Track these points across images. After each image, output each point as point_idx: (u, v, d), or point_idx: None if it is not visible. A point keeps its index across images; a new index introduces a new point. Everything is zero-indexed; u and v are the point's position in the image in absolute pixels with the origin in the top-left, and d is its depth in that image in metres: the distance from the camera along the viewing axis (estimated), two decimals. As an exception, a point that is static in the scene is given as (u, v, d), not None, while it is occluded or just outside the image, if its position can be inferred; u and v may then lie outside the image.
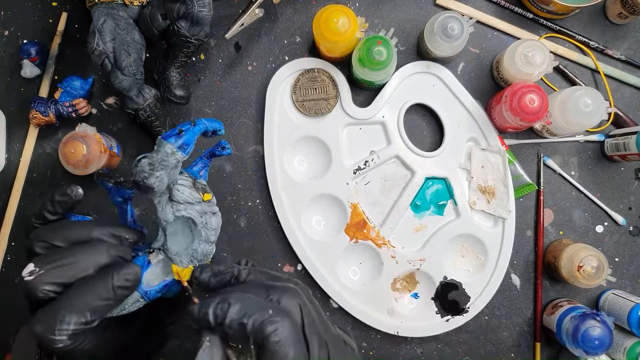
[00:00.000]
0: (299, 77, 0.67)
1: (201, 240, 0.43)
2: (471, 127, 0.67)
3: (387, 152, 0.67)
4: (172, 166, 0.41)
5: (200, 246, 0.43)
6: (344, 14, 0.59)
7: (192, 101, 0.69)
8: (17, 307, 0.68)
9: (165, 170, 0.41)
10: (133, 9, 0.60)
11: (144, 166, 0.41)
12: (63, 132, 0.68)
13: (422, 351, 0.69)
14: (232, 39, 0.66)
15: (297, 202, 0.67)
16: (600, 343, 0.59)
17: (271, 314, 0.36)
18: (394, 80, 0.67)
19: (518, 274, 0.69)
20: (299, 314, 0.38)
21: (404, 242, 0.68)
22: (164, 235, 0.43)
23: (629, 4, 0.65)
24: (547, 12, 0.68)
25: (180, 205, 0.42)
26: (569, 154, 0.69)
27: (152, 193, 0.42)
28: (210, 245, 0.44)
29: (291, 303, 0.38)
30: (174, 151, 0.41)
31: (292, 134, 0.67)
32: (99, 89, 0.69)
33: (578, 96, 0.60)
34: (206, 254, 0.43)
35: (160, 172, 0.40)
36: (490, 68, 0.69)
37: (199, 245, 0.43)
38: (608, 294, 0.67)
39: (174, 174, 0.42)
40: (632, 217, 0.69)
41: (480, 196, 0.67)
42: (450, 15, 0.61)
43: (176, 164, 0.41)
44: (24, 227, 0.68)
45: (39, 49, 0.67)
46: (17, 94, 0.69)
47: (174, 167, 0.41)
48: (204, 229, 0.43)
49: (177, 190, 0.42)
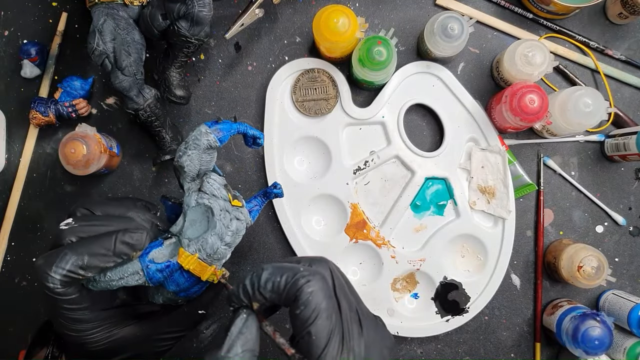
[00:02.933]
0: (299, 77, 0.67)
1: (214, 233, 0.43)
2: (471, 127, 0.67)
3: (387, 152, 0.67)
4: (203, 147, 0.44)
5: (211, 238, 0.43)
6: (344, 14, 0.59)
7: (192, 101, 0.69)
8: (17, 307, 0.68)
9: (197, 150, 0.43)
10: (133, 9, 0.60)
11: (180, 147, 0.44)
12: (63, 132, 0.68)
13: (422, 351, 0.69)
14: (232, 39, 0.66)
15: (297, 202, 0.67)
16: (600, 343, 0.59)
17: (302, 271, 0.38)
18: (394, 81, 0.67)
19: (518, 274, 0.69)
20: (330, 277, 0.40)
21: (404, 242, 0.68)
22: (183, 221, 0.45)
23: (629, 4, 0.65)
24: (547, 12, 0.68)
25: (205, 195, 0.44)
26: (569, 154, 0.69)
27: (184, 175, 0.44)
28: (222, 243, 0.44)
29: (321, 268, 0.41)
30: (207, 131, 0.44)
31: (292, 134, 0.67)
32: (99, 89, 0.69)
33: (578, 96, 0.60)
34: (216, 251, 0.43)
35: (192, 151, 0.43)
36: (490, 68, 0.69)
37: (210, 237, 0.43)
38: (608, 294, 0.67)
39: (206, 160, 0.44)
40: (632, 217, 0.69)
41: (480, 196, 0.67)
42: (450, 15, 0.61)
43: (208, 146, 0.44)
44: (24, 227, 0.68)
45: (39, 49, 0.67)
46: (17, 94, 0.69)
47: (206, 150, 0.44)
48: (220, 222, 0.43)
49: (207, 182, 0.44)
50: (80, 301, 0.41)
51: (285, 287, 0.38)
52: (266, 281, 0.38)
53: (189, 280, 0.43)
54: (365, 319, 0.41)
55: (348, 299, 0.40)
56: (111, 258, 0.41)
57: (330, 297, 0.38)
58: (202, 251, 0.43)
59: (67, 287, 0.40)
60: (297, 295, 0.37)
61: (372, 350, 0.39)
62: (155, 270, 0.43)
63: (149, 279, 0.43)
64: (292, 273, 0.38)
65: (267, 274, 0.39)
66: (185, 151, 0.44)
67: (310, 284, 0.38)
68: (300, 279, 0.38)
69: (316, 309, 0.37)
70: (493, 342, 0.69)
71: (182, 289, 0.44)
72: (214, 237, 0.43)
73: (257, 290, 0.39)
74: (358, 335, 0.39)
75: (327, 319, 0.37)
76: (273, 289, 0.38)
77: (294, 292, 0.38)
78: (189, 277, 0.43)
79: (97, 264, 0.40)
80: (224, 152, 0.69)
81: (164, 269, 0.43)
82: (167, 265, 0.43)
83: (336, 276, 0.41)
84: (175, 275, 0.43)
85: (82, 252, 0.40)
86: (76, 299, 0.41)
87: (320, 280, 0.38)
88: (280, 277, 0.38)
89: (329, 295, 0.38)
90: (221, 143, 0.45)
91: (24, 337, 0.68)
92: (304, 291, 0.37)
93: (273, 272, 0.39)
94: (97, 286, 0.42)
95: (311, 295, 0.37)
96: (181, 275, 0.43)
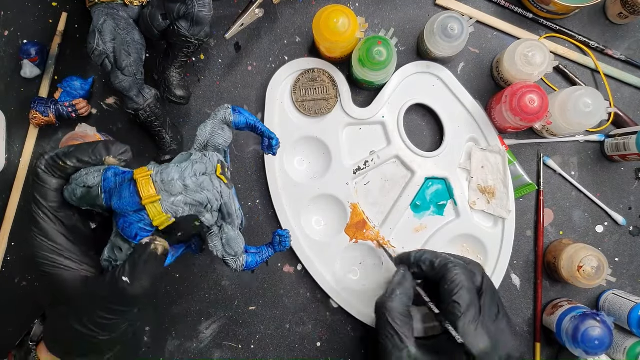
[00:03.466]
0: (299, 77, 0.67)
1: (179, 167, 0.43)
2: (471, 127, 0.67)
3: (387, 152, 0.67)
4: (219, 118, 0.47)
5: (174, 168, 0.43)
6: (344, 14, 0.59)
7: (192, 101, 0.69)
8: (17, 307, 0.68)
9: (212, 120, 0.47)
10: (133, 9, 0.60)
11: None
12: (63, 132, 0.68)
13: (422, 351, 0.69)
14: (232, 39, 0.66)
15: (297, 202, 0.67)
16: (600, 343, 0.59)
17: (452, 260, 0.54)
18: (394, 81, 0.67)
19: (518, 274, 0.69)
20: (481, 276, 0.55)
21: (404, 242, 0.68)
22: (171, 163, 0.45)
23: (629, 4, 0.65)
24: (547, 12, 0.68)
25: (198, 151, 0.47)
26: (569, 154, 0.69)
27: (196, 138, 0.47)
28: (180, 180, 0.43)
29: (478, 268, 0.55)
30: (227, 107, 0.48)
31: (292, 134, 0.67)
32: (99, 89, 0.69)
33: (578, 96, 0.60)
34: (170, 181, 0.43)
35: (208, 120, 0.48)
36: (490, 68, 0.69)
37: (174, 167, 0.43)
38: (608, 294, 0.67)
39: (217, 134, 0.47)
40: (632, 217, 0.69)
41: (480, 196, 0.67)
42: (450, 15, 0.61)
43: (223, 118, 0.47)
44: (24, 227, 0.68)
45: (39, 49, 0.67)
46: (17, 94, 0.69)
47: (220, 123, 0.47)
48: (191, 163, 0.44)
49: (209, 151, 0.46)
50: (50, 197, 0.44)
51: (438, 265, 0.54)
52: (425, 258, 0.55)
53: (132, 197, 0.42)
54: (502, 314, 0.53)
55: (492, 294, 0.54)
56: (89, 153, 0.44)
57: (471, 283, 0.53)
58: (158, 174, 0.43)
59: (47, 174, 0.44)
60: (445, 274, 0.53)
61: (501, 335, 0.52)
62: (112, 173, 0.44)
63: (103, 179, 0.43)
64: (445, 259, 0.54)
65: (428, 254, 0.56)
66: (205, 121, 0.48)
67: (457, 269, 0.53)
68: (449, 263, 0.53)
69: (460, 284, 0.52)
70: (493, 342, 0.69)
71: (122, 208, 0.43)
72: (176, 169, 0.43)
73: (417, 261, 0.56)
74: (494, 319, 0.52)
75: (469, 293, 0.52)
76: (429, 264, 0.55)
77: (444, 271, 0.53)
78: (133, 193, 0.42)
79: (77, 154, 0.44)
80: (224, 152, 0.69)
81: (119, 174, 0.44)
82: (124, 172, 0.44)
83: (487, 279, 0.55)
84: (124, 186, 0.43)
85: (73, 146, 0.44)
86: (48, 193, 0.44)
87: (465, 271, 0.53)
88: (436, 258, 0.55)
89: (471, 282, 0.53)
90: (235, 125, 0.48)
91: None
92: (451, 271, 0.52)
93: (433, 254, 0.56)
94: (68, 189, 0.44)
95: (457, 275, 0.52)
96: (128, 187, 0.43)
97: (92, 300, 0.43)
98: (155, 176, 0.43)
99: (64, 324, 0.44)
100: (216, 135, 0.47)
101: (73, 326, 0.43)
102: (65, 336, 0.44)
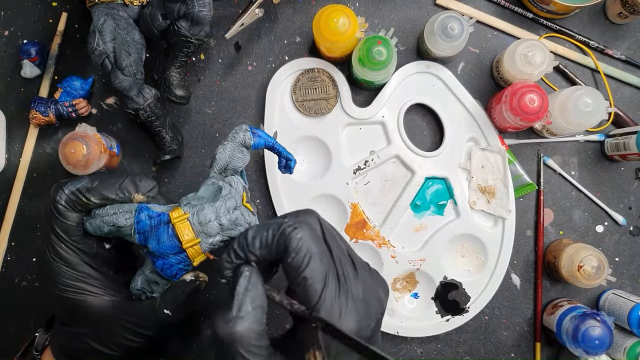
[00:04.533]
0: (299, 77, 0.67)
1: (213, 206, 0.44)
2: (471, 127, 0.67)
3: (387, 152, 0.67)
4: (239, 141, 0.47)
5: (208, 208, 0.44)
6: (344, 14, 0.59)
7: (192, 101, 0.69)
8: (17, 307, 0.68)
9: (232, 142, 0.47)
10: (133, 9, 0.60)
11: None
12: (63, 132, 0.68)
13: (422, 351, 0.69)
14: (232, 39, 0.66)
15: (297, 202, 0.67)
16: (601, 343, 0.59)
17: (287, 221, 0.38)
18: (394, 80, 0.67)
19: (518, 273, 0.69)
20: (317, 225, 0.40)
21: (404, 242, 0.68)
22: (194, 194, 0.46)
23: (629, 4, 0.65)
24: (547, 12, 0.68)
25: (224, 180, 0.46)
26: (569, 154, 0.69)
27: (213, 164, 0.47)
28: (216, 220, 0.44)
29: (309, 218, 0.40)
30: (246, 129, 0.47)
31: (292, 134, 0.67)
32: (99, 89, 0.69)
33: (578, 96, 0.60)
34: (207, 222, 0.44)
35: (227, 142, 0.47)
36: (490, 68, 0.69)
37: (208, 207, 0.44)
38: (608, 294, 0.67)
39: (236, 156, 0.47)
40: (632, 217, 0.69)
41: (480, 196, 0.67)
42: (450, 15, 0.61)
43: (242, 141, 0.47)
44: (24, 227, 0.68)
45: (39, 49, 0.67)
46: (17, 94, 0.69)
47: (239, 146, 0.47)
48: (224, 201, 0.44)
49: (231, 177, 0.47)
50: (72, 232, 0.43)
51: (273, 238, 0.38)
52: (253, 238, 0.38)
53: (170, 240, 0.43)
54: (358, 263, 0.40)
55: (338, 245, 0.40)
56: (115, 190, 0.43)
57: (319, 242, 0.38)
58: (195, 216, 0.43)
59: (69, 210, 0.43)
60: (287, 244, 0.37)
61: (368, 293, 0.39)
62: (146, 215, 0.43)
63: (137, 222, 0.43)
64: (277, 225, 0.38)
65: (253, 232, 0.39)
66: (223, 142, 0.47)
67: (298, 231, 0.37)
68: (286, 228, 0.38)
69: (307, 252, 0.37)
70: (493, 342, 0.69)
71: (161, 251, 0.43)
72: (211, 209, 0.44)
73: (247, 251, 0.38)
74: (354, 278, 0.38)
75: (320, 262, 0.37)
76: (262, 244, 0.38)
77: (283, 241, 0.37)
78: (172, 236, 0.43)
79: (102, 191, 0.43)
80: (224, 152, 0.69)
81: (153, 216, 0.44)
82: (158, 214, 0.44)
83: (324, 224, 0.41)
84: (161, 229, 0.43)
85: (94, 180, 0.43)
86: (70, 228, 0.43)
87: (307, 227, 0.38)
88: (267, 231, 0.38)
89: (318, 240, 0.38)
90: (254, 147, 0.48)
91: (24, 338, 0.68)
92: (292, 238, 0.37)
93: (259, 229, 0.39)
94: (92, 223, 0.44)
95: (300, 240, 0.37)
96: (166, 231, 0.43)
97: (121, 323, 0.44)
98: (192, 218, 0.43)
99: (80, 342, 0.44)
100: (236, 158, 0.47)
101: (91, 344, 0.44)
102: (79, 353, 0.45)
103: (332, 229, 0.41)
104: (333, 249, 0.39)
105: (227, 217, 0.44)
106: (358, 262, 0.40)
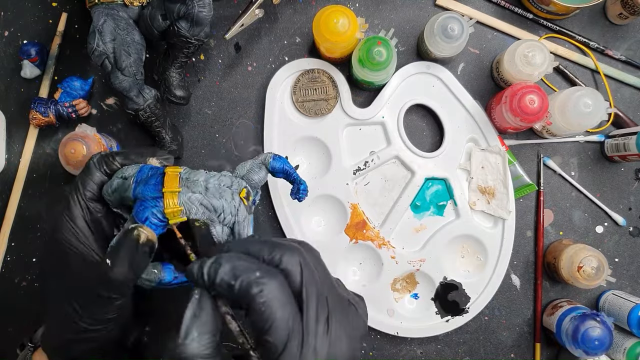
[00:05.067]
0: (298, 77, 0.67)
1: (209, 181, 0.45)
2: (471, 127, 0.67)
3: (387, 152, 0.67)
4: (260, 159, 0.49)
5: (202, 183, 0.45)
6: (344, 14, 0.59)
7: (192, 101, 0.69)
8: (17, 307, 0.68)
9: (253, 160, 0.49)
10: (133, 10, 0.60)
11: None
12: (63, 132, 0.68)
13: (422, 352, 0.69)
14: (232, 39, 0.66)
15: (297, 203, 0.67)
16: (600, 343, 0.59)
17: (258, 276, 0.36)
18: (394, 81, 0.67)
19: (518, 274, 0.69)
20: (298, 272, 0.38)
21: (403, 242, 0.68)
22: None
23: (629, 5, 0.65)
24: (547, 13, 0.68)
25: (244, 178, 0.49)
26: (569, 155, 0.69)
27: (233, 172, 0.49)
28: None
29: (292, 261, 0.38)
30: (269, 154, 0.50)
31: (292, 134, 0.67)
32: (99, 90, 0.69)
33: (578, 97, 0.60)
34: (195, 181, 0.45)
35: (249, 160, 0.49)
36: (490, 68, 0.69)
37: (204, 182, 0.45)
38: (608, 295, 0.67)
39: (254, 171, 0.49)
40: (632, 217, 0.69)
41: (480, 197, 0.67)
42: (450, 15, 0.61)
43: (262, 160, 0.50)
44: (24, 227, 0.68)
45: (39, 49, 0.67)
46: (17, 95, 0.69)
47: (259, 164, 0.49)
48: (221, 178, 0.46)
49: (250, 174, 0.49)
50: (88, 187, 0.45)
51: (238, 292, 0.36)
52: (221, 280, 0.37)
53: (155, 186, 0.44)
54: (335, 309, 0.39)
55: (318, 292, 0.38)
56: (136, 153, 0.47)
57: (287, 303, 0.36)
58: (187, 172, 0.45)
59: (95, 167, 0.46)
60: (250, 304, 0.36)
61: (338, 345, 0.38)
62: (149, 167, 0.46)
63: (138, 171, 0.45)
64: (246, 278, 0.36)
65: (223, 273, 0.37)
66: (245, 160, 0.50)
67: (263, 293, 0.35)
68: (253, 287, 0.36)
69: (269, 319, 0.35)
70: (493, 342, 0.69)
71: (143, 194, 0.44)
72: (205, 174, 0.45)
73: (211, 285, 0.37)
74: (323, 334, 0.37)
75: (283, 329, 0.36)
76: (227, 289, 0.36)
77: (247, 300, 0.36)
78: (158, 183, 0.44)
79: (125, 153, 0.47)
80: (224, 153, 0.69)
81: (154, 168, 0.46)
82: (158, 168, 0.46)
83: (307, 270, 0.38)
84: (153, 177, 0.45)
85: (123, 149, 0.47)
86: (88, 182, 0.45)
87: (275, 288, 0.36)
88: (235, 280, 0.36)
89: (285, 302, 0.36)
90: (272, 168, 0.50)
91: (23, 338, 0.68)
92: (256, 301, 0.35)
93: (230, 272, 0.36)
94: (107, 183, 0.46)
95: (263, 305, 0.35)
96: (155, 177, 0.45)
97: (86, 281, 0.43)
98: (183, 173, 0.45)
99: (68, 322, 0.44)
100: (253, 172, 0.49)
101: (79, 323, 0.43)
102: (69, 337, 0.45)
103: (315, 266, 0.39)
104: (309, 303, 0.37)
105: (215, 185, 0.45)
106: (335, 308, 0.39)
